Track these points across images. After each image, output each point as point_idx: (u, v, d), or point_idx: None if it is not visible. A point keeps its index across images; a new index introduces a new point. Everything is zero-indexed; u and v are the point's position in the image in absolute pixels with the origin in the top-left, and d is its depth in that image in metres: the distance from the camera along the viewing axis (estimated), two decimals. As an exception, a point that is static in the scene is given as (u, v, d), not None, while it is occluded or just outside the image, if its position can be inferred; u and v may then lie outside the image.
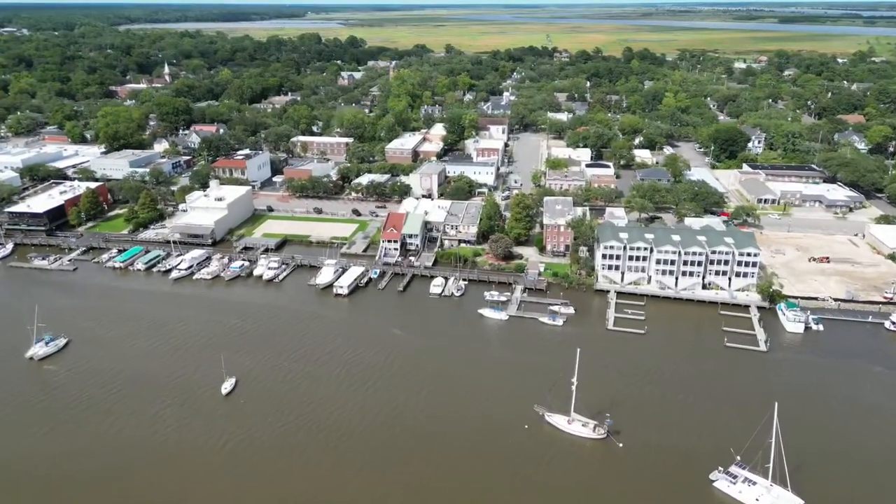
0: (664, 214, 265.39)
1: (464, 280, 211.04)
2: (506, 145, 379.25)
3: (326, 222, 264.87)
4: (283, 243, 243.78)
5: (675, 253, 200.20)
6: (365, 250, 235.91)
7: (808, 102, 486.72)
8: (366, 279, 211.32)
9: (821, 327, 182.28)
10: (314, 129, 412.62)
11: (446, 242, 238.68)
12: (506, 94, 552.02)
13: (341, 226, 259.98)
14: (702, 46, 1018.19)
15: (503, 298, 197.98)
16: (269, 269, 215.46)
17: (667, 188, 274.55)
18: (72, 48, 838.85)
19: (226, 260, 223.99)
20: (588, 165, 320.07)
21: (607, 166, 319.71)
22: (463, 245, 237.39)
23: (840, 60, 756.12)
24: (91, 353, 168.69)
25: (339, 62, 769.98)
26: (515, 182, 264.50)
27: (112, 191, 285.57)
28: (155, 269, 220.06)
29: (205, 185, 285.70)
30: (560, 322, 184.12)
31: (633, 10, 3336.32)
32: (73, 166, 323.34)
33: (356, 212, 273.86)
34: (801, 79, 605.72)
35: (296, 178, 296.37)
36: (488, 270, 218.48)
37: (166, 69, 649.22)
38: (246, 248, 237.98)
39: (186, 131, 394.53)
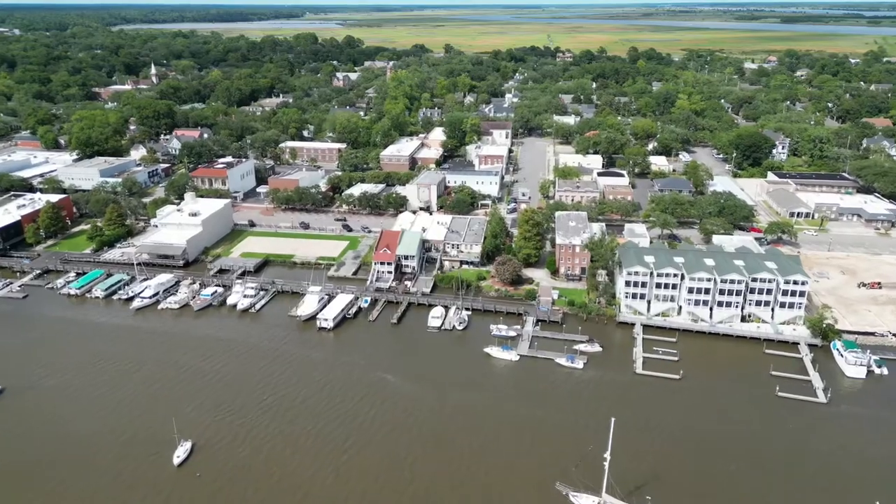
0: (686, 230, 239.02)
1: (466, 310, 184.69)
2: (510, 151, 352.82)
3: (313, 239, 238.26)
4: (264, 265, 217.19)
5: (709, 280, 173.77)
6: (355, 273, 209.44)
7: (829, 104, 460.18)
8: (355, 309, 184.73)
9: (884, 371, 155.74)
10: (305, 133, 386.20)
11: (446, 264, 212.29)
12: (508, 95, 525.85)
13: (330, 244, 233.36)
14: (706, 46, 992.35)
15: (512, 333, 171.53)
16: (245, 296, 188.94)
17: (689, 200, 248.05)
18: (60, 48, 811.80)
19: (196, 286, 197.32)
20: (600, 174, 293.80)
21: (621, 175, 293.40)
22: (465, 267, 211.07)
23: (853, 61, 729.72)
24: (24, 406, 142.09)
25: (334, 63, 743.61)
26: (523, 195, 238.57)
27: (78, 203, 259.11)
28: (115, 297, 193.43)
29: (182, 197, 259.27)
30: (580, 364, 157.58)
31: (633, 10, 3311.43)
32: (41, 175, 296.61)
33: (346, 227, 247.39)
34: (816, 79, 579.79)
35: (281, 189, 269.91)
36: (494, 298, 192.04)
37: (153, 70, 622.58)
38: (221, 271, 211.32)
39: (168, 136, 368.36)
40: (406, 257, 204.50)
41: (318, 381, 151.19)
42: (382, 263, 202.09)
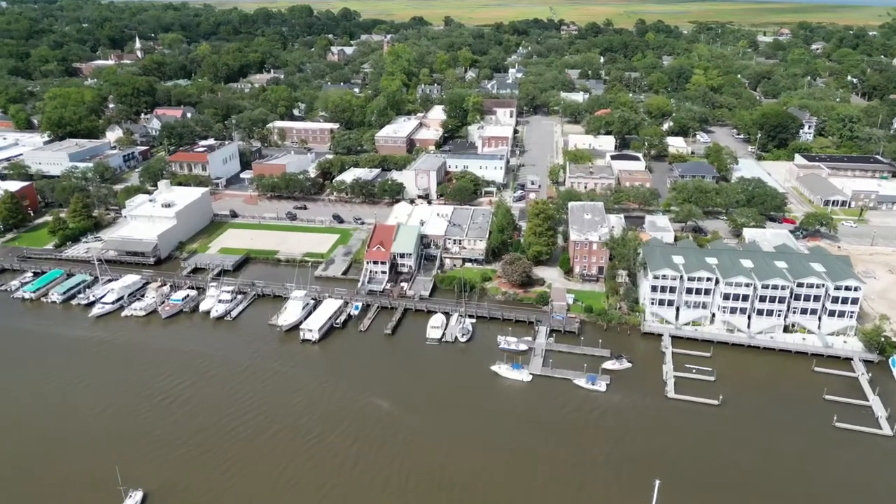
0: (712, 222, 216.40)
1: (470, 317, 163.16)
2: (515, 131, 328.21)
3: (301, 232, 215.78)
4: (244, 262, 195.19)
5: (749, 286, 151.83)
6: (345, 272, 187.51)
7: (853, 80, 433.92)
8: (343, 316, 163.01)
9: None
10: (295, 112, 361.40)
11: (447, 262, 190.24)
12: (511, 70, 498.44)
13: (318, 237, 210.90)
14: (715, 18, 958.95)
15: (523, 347, 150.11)
16: (221, 301, 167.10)
17: (715, 188, 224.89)
18: (45, 21, 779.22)
19: (166, 289, 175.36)
20: (613, 157, 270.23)
21: (637, 158, 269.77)
22: (468, 265, 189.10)
23: (871, 33, 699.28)
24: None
25: (329, 36, 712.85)
26: (532, 183, 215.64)
27: (43, 192, 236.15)
28: (75, 301, 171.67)
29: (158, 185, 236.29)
30: (603, 386, 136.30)
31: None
32: (7, 160, 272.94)
33: (338, 218, 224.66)
34: (835, 53, 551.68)
35: (266, 175, 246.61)
36: (502, 303, 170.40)
37: (137, 44, 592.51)
38: (196, 271, 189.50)
39: (148, 116, 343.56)
40: (402, 255, 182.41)
41: (296, 408, 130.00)
42: (375, 263, 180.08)
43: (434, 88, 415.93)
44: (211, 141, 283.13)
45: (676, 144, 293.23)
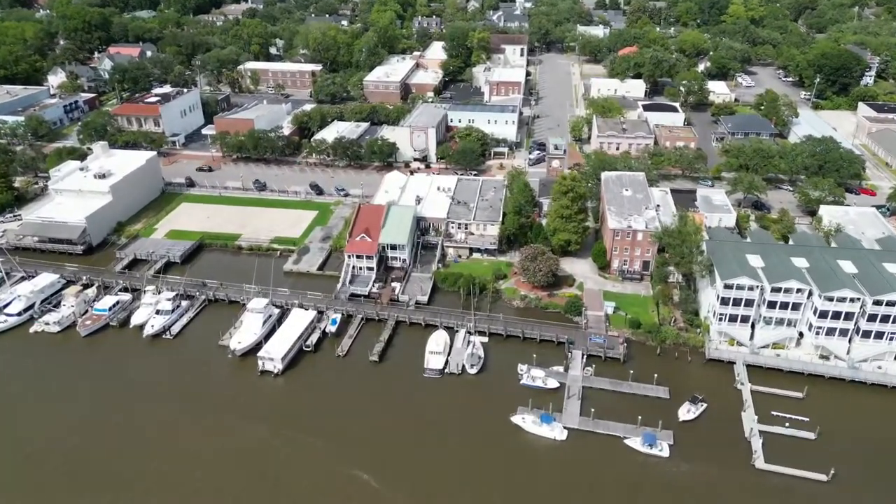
0: (771, 193, 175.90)
1: (481, 334, 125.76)
2: (527, 73, 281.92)
3: (271, 207, 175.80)
4: (198, 250, 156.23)
5: (855, 301, 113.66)
6: (322, 266, 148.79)
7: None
8: (317, 335, 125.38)
9: None
10: (272, 51, 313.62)
11: (450, 251, 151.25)
12: (520, 0, 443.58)
13: (292, 214, 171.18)
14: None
15: (552, 383, 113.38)
16: (159, 312, 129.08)
17: (778, 151, 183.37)
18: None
19: (90, 292, 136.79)
20: (646, 108, 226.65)
21: (674, 109, 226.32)
22: (476, 256, 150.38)
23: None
24: None
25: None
26: (556, 147, 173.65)
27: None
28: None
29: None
30: (664, 450, 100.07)
31: None
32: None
33: (316, 188, 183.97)
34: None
35: (231, 133, 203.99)
36: (521, 312, 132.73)
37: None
38: (134, 263, 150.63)
39: (101, 55, 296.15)
40: (393, 247, 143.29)
41: (241, 488, 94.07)
42: (359, 257, 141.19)
43: (433, 21, 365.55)
44: (167, 88, 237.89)
45: (719, 91, 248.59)
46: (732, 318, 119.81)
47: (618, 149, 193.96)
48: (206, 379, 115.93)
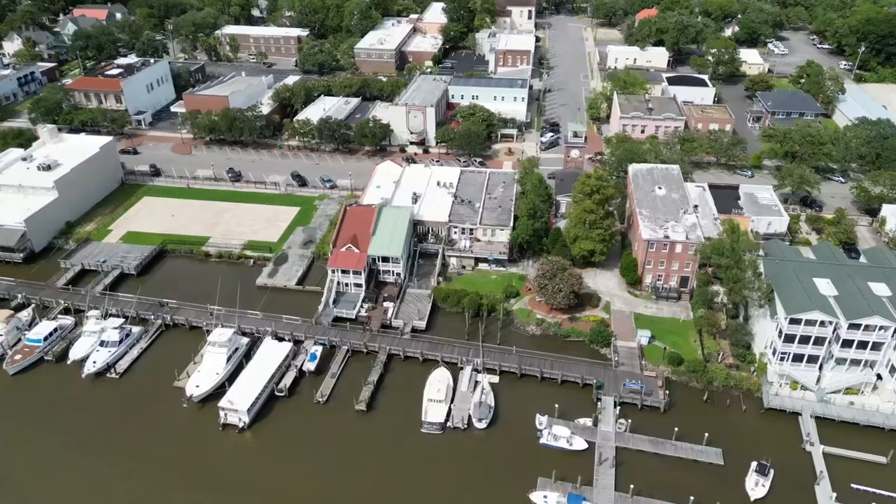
0: (824, 187, 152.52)
1: (490, 372, 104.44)
2: (536, 39, 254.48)
3: (245, 202, 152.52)
4: (159, 256, 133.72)
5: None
6: (302, 280, 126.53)
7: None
8: (292, 375, 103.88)
9: None
10: (255, 13, 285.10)
11: (452, 261, 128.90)
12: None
13: (269, 211, 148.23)
14: None
15: (580, 444, 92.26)
16: (103, 343, 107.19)
17: (830, 137, 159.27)
18: None
19: (23, 317, 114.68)
20: (670, 81, 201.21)
21: (703, 82, 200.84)
22: (482, 267, 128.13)
23: None
24: None
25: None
26: (576, 135, 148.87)
27: None
28: None
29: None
30: (724, 544, 79.91)
31: None
32: None
33: (298, 178, 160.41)
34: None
35: (203, 112, 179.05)
36: (536, 344, 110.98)
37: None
38: (83, 273, 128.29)
39: (65, 18, 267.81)
40: (385, 259, 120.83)
41: None
42: (345, 272, 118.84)
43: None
44: (132, 58, 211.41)
45: (752, 60, 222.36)
46: (797, 358, 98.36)
47: (643, 132, 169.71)
48: (155, 433, 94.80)
